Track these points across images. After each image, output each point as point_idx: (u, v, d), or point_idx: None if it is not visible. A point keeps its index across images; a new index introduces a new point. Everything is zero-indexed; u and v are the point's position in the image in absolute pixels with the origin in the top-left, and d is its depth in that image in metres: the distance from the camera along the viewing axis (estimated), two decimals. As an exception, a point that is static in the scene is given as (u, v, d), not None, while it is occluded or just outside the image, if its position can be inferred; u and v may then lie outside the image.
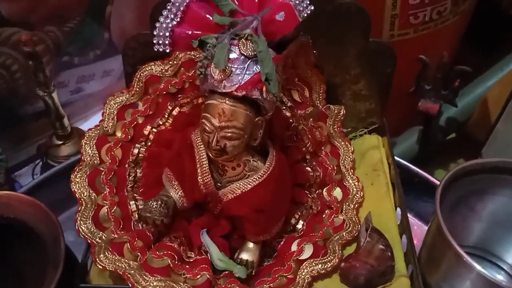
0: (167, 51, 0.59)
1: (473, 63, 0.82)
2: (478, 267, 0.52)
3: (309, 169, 0.72)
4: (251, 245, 0.64)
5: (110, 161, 0.67)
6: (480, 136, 0.85)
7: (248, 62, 0.55)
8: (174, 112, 0.71)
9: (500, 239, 0.66)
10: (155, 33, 0.59)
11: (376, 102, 0.78)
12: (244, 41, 0.56)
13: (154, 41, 0.59)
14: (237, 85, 0.55)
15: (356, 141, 0.80)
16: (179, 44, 0.60)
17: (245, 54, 0.55)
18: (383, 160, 0.77)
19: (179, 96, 0.70)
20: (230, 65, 0.55)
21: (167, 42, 0.59)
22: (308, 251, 0.64)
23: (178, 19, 0.59)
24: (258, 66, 0.55)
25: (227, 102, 0.56)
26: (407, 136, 0.91)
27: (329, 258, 0.64)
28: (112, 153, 0.67)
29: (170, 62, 0.70)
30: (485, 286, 0.53)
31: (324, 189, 0.72)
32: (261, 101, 0.57)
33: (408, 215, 0.71)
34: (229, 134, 0.56)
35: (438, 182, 0.80)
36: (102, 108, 0.69)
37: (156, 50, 0.60)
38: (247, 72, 0.55)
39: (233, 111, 0.56)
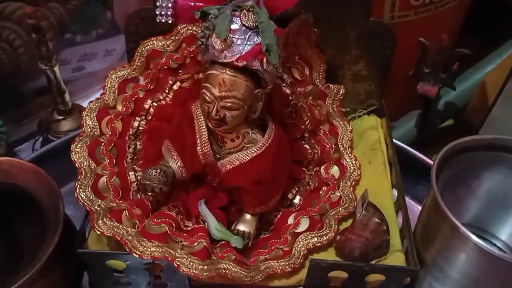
0: (169, 22, 0.60)
1: (472, 50, 0.83)
2: (474, 237, 0.52)
3: (307, 146, 0.73)
4: (248, 216, 0.65)
5: (110, 133, 0.67)
6: (477, 122, 0.86)
7: (249, 33, 0.56)
8: (175, 87, 0.71)
9: (495, 217, 0.67)
10: (157, 3, 0.59)
11: (376, 83, 0.79)
12: (245, 12, 0.56)
13: (157, 12, 0.59)
14: (237, 55, 0.56)
15: (355, 121, 0.80)
16: (181, 16, 0.60)
17: (247, 24, 0.56)
18: (381, 140, 0.77)
19: (180, 71, 0.71)
20: (231, 36, 0.56)
21: (169, 13, 0.59)
22: (304, 224, 0.65)
23: (181, -10, 0.59)
24: (259, 37, 0.56)
25: (227, 72, 0.56)
26: (405, 121, 0.92)
27: (325, 232, 0.65)
28: (113, 125, 0.68)
29: (172, 38, 0.70)
30: (480, 257, 0.53)
31: (322, 167, 0.73)
32: (261, 72, 0.57)
33: (405, 197, 0.72)
34: (229, 104, 0.57)
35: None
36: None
37: (158, 21, 0.60)
38: (248, 43, 0.56)
39: (233, 81, 0.56)
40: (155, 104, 0.71)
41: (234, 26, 0.56)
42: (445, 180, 0.60)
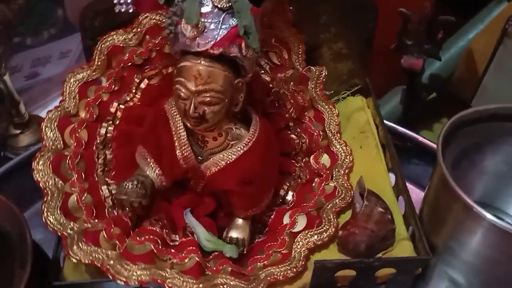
0: (130, 11, 0.53)
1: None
2: (489, 216, 0.48)
3: (293, 136, 0.67)
4: (240, 221, 0.59)
5: (75, 144, 0.61)
6: (464, 93, 0.82)
7: (223, 15, 0.50)
8: (142, 86, 0.65)
9: (503, 192, 0.63)
10: (115, -9, 0.52)
11: (358, 61, 0.74)
12: (216, -9, 0.50)
13: (115, 1, 0.52)
14: (212, 42, 0.49)
15: (340, 104, 0.76)
16: (143, 3, 0.53)
17: (219, 6, 0.50)
18: (370, 122, 0.73)
19: (146, 67, 0.65)
20: (203, 20, 0.49)
21: (129, 0, 0.52)
22: (301, 222, 0.60)
23: (139, -25, 0.52)
24: (235, 19, 0.50)
25: (202, 62, 0.50)
26: (389, 97, 0.87)
27: (324, 228, 0.60)
28: (77, 135, 0.61)
29: (134, 30, 0.64)
30: (497, 237, 0.49)
31: (311, 157, 0.68)
32: (240, 59, 0.51)
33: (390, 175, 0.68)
34: (208, 99, 0.51)
35: (428, 142, 0.78)
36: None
37: (117, 11, 0.53)
38: (223, 26, 0.50)
39: (210, 72, 0.50)
40: (122, 106, 0.65)
41: (205, 9, 0.50)
42: (449, 159, 0.55)
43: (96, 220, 0.57)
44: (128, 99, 0.65)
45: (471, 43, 0.84)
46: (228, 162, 0.55)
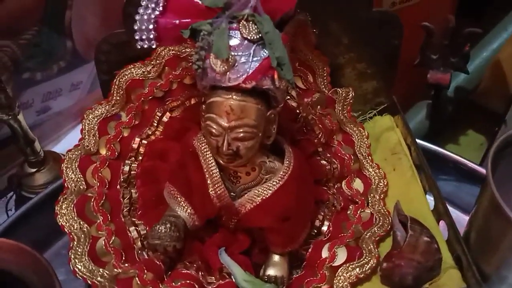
0: (153, 46, 0.50)
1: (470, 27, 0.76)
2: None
3: (324, 162, 0.64)
4: (276, 258, 0.56)
5: (98, 184, 0.58)
6: (492, 104, 0.79)
7: (253, 47, 0.47)
8: (164, 119, 0.63)
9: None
10: (136, 27, 0.49)
11: (384, 79, 0.71)
12: (245, 23, 0.47)
13: (137, 37, 0.50)
14: (244, 76, 0.47)
15: (367, 124, 0.73)
16: (166, 37, 0.50)
17: (249, 37, 0.47)
18: (401, 142, 0.70)
19: (167, 99, 0.62)
20: (233, 53, 0.47)
21: (151, 36, 0.49)
22: (341, 255, 0.57)
23: (161, 8, 0.50)
24: (266, 50, 0.47)
25: (234, 97, 0.47)
26: (414, 113, 0.84)
27: (366, 260, 0.56)
28: (100, 174, 0.59)
29: (153, 62, 0.62)
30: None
31: (343, 182, 0.65)
32: (273, 91, 0.48)
33: (429, 197, 0.64)
34: (242, 135, 0.48)
35: (458, 158, 0.75)
36: (75, 126, 0.60)
37: (139, 47, 0.50)
38: (254, 59, 0.47)
39: (242, 106, 0.47)
40: (144, 141, 0.62)
41: (234, 42, 0.47)
42: (497, 179, 0.52)
43: (127, 265, 0.54)
44: (150, 133, 0.62)
45: (499, 53, 0.81)
46: (264, 198, 0.52)
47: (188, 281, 0.51)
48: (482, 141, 0.87)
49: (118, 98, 0.61)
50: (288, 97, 0.63)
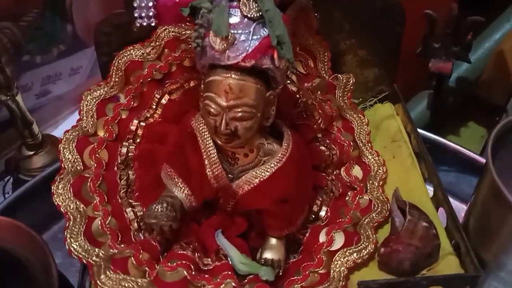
0: (152, 24, 0.50)
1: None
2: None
3: (323, 148, 0.64)
4: (274, 241, 0.55)
5: (95, 165, 0.58)
6: (494, 95, 0.79)
7: (253, 25, 0.47)
8: (163, 101, 0.62)
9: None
10: (135, 4, 0.49)
11: (385, 66, 0.70)
12: (245, 0, 0.47)
13: (136, 15, 0.49)
14: (243, 54, 0.46)
15: (368, 112, 0.72)
16: (166, 16, 0.50)
17: (249, 15, 0.46)
18: (401, 130, 0.69)
19: (167, 82, 0.62)
20: (232, 31, 0.46)
21: (151, 13, 0.49)
22: (339, 240, 0.56)
23: (161, -14, 0.49)
24: (266, 29, 0.46)
25: (233, 76, 0.47)
26: (415, 103, 0.84)
27: (363, 245, 0.56)
28: (97, 155, 0.58)
29: (152, 44, 0.62)
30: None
31: (342, 169, 0.64)
32: (272, 70, 0.48)
33: (428, 187, 0.64)
34: (240, 114, 0.48)
35: (460, 148, 0.75)
36: (74, 111, 0.59)
37: (138, 25, 0.50)
38: (254, 37, 0.47)
39: (241, 86, 0.47)
40: (142, 123, 0.62)
41: (234, 20, 0.47)
42: (498, 166, 0.51)
43: (123, 245, 0.53)
44: (149, 115, 0.62)
45: (501, 44, 0.80)
46: (262, 179, 0.52)
47: (184, 262, 0.50)
48: (483, 134, 0.87)
49: (117, 79, 0.61)
50: (288, 81, 0.62)
